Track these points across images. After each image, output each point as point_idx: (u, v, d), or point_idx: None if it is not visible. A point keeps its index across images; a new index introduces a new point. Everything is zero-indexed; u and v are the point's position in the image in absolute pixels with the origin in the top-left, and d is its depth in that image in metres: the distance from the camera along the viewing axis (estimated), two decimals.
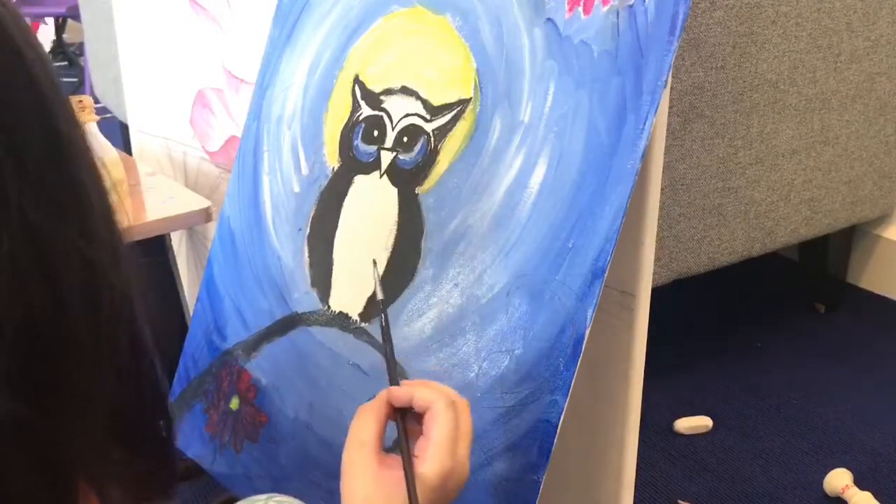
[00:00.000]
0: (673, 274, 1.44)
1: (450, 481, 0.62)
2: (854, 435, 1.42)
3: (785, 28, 1.39)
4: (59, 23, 3.60)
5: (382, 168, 0.86)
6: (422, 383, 0.67)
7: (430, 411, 0.63)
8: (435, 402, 0.63)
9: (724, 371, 1.59)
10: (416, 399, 0.64)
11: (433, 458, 0.61)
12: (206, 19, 1.24)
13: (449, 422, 0.62)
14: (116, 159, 1.21)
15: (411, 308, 0.82)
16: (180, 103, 1.32)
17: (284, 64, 0.98)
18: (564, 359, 0.72)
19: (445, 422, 0.62)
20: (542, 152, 0.76)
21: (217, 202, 1.18)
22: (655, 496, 1.30)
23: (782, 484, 1.32)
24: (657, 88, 0.70)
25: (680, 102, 1.32)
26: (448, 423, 0.62)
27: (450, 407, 0.63)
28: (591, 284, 0.71)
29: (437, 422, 0.62)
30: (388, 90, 0.87)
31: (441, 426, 0.62)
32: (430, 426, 0.62)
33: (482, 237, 0.78)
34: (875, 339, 1.71)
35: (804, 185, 1.54)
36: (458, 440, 0.63)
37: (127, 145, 1.56)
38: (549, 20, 0.77)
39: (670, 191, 1.37)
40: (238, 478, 0.96)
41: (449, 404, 0.63)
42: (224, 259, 1.01)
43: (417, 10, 0.86)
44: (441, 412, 0.62)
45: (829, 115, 1.52)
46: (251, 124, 1.01)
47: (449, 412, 0.63)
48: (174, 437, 0.51)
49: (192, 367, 1.03)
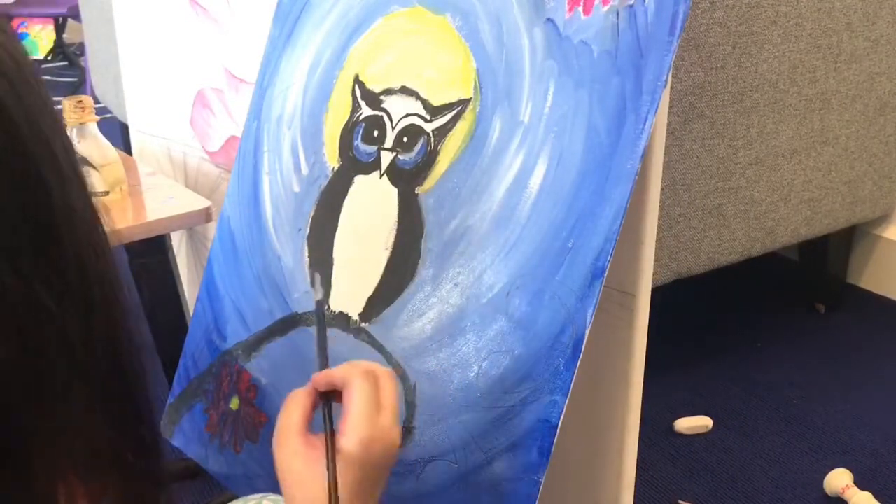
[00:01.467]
0: (673, 274, 1.44)
1: (372, 449, 0.63)
2: (854, 435, 1.42)
3: (785, 28, 1.39)
4: (59, 23, 3.60)
5: (382, 168, 0.86)
6: (344, 364, 0.68)
7: (347, 386, 0.64)
8: (351, 378, 0.64)
9: (724, 371, 1.59)
10: (335, 379, 0.66)
11: (351, 431, 0.62)
12: (206, 19, 1.24)
13: (364, 393, 0.63)
14: (116, 159, 1.21)
15: (411, 308, 0.82)
16: (180, 103, 1.32)
17: (284, 64, 0.98)
18: (564, 359, 0.72)
19: (360, 393, 0.63)
20: (541, 152, 0.76)
21: (217, 202, 1.18)
22: (655, 496, 1.30)
23: (782, 484, 1.32)
24: (657, 88, 0.70)
25: (680, 102, 1.32)
26: (363, 395, 0.63)
27: (366, 379, 0.64)
28: (591, 284, 0.71)
29: (353, 395, 0.63)
30: (388, 90, 0.87)
31: (356, 398, 0.63)
32: (347, 400, 0.64)
33: (482, 237, 0.78)
34: (875, 339, 1.71)
35: (804, 185, 1.54)
36: (378, 410, 0.64)
37: (127, 145, 1.56)
38: (549, 20, 0.77)
39: (670, 191, 1.37)
40: (238, 478, 0.96)
41: (365, 376, 0.64)
42: (224, 259, 1.01)
43: (417, 10, 0.86)
44: (356, 385, 0.64)
45: (829, 115, 1.52)
46: (251, 124, 1.01)
47: (365, 384, 0.64)
48: (162, 455, 0.52)
49: (192, 367, 1.03)
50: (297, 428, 0.65)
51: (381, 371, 0.66)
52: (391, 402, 0.65)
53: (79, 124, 1.17)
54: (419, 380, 0.81)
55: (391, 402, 0.65)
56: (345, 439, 0.63)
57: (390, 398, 0.65)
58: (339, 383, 0.66)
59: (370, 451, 0.63)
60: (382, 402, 0.64)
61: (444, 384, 0.79)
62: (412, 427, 0.81)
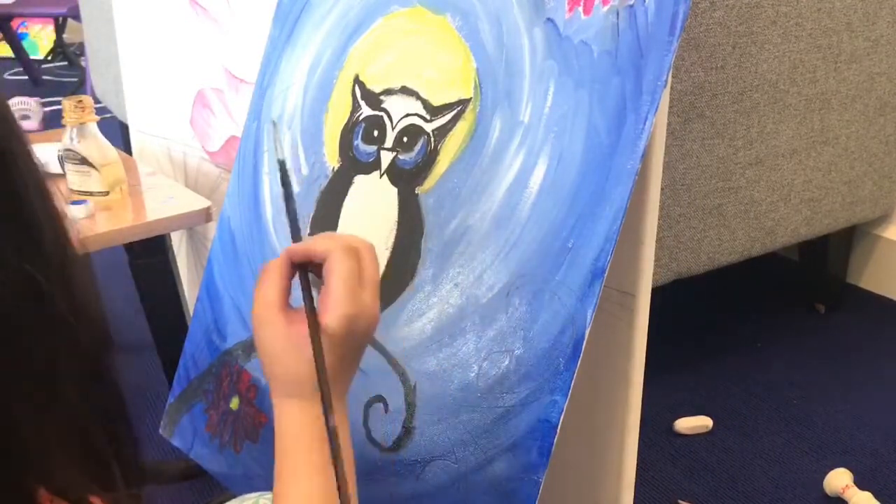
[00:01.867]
0: (673, 274, 1.44)
1: (355, 326, 0.61)
2: (854, 435, 1.42)
3: (785, 28, 1.39)
4: (59, 23, 3.60)
5: (382, 168, 0.86)
6: (322, 235, 0.65)
7: (328, 260, 0.62)
8: (332, 252, 0.62)
9: (724, 371, 1.59)
10: (313, 251, 0.63)
11: (334, 307, 0.60)
12: (206, 19, 1.24)
13: (346, 268, 0.61)
14: (116, 159, 1.21)
15: (411, 308, 0.82)
16: (180, 103, 1.32)
17: (284, 64, 0.98)
18: (564, 359, 0.72)
19: (343, 269, 0.61)
20: (541, 152, 0.76)
21: (217, 202, 1.18)
22: (655, 496, 1.30)
23: (782, 484, 1.32)
24: (657, 88, 0.70)
25: (680, 102, 1.32)
26: (345, 270, 0.61)
27: (347, 253, 0.62)
28: (591, 284, 0.71)
29: (335, 270, 0.61)
30: (388, 90, 0.87)
31: (338, 274, 0.61)
32: (329, 276, 0.62)
33: (482, 237, 0.78)
34: (875, 339, 1.71)
35: (804, 185, 1.54)
36: (360, 285, 0.62)
37: (127, 145, 1.56)
38: (549, 20, 0.77)
39: (670, 191, 1.37)
40: (238, 477, 0.96)
41: (346, 250, 0.62)
42: (224, 259, 1.01)
43: (417, 10, 0.86)
44: (338, 260, 0.61)
45: (829, 115, 1.52)
46: (251, 124, 1.01)
47: (346, 259, 0.61)
48: (139, 460, 0.51)
49: (192, 367, 1.03)
50: (277, 303, 0.62)
51: (362, 244, 0.64)
52: (373, 278, 0.63)
53: (79, 124, 1.17)
54: (419, 380, 0.81)
55: (373, 277, 0.63)
56: (328, 316, 0.60)
57: (372, 273, 0.63)
58: (319, 256, 0.63)
59: (353, 329, 0.61)
60: (364, 278, 0.62)
61: (444, 384, 0.79)
62: (412, 427, 0.81)
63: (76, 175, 1.18)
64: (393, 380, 0.82)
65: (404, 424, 0.81)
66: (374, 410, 0.83)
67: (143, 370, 1.55)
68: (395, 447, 0.82)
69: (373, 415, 0.83)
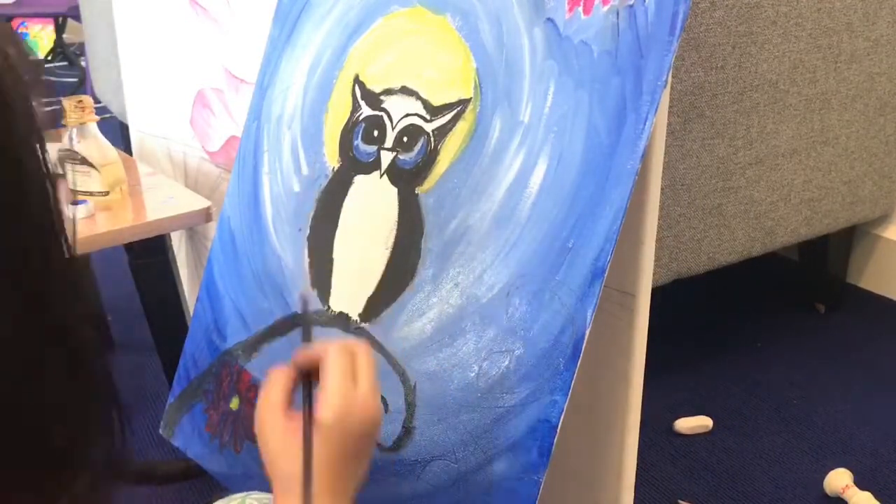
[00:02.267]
0: (673, 274, 1.44)
1: (350, 420, 0.64)
2: (854, 435, 1.42)
3: (785, 28, 1.39)
4: (59, 23, 3.60)
5: (382, 168, 0.86)
6: (322, 341, 0.69)
7: (322, 360, 0.66)
8: (327, 351, 0.66)
9: (724, 371, 1.59)
10: (312, 356, 0.67)
11: (325, 402, 0.64)
12: (206, 19, 1.24)
13: (338, 366, 0.65)
14: (116, 159, 1.21)
15: (411, 308, 0.82)
16: (180, 103, 1.32)
17: (284, 64, 0.98)
18: (564, 359, 0.72)
19: (335, 366, 0.65)
20: (541, 152, 0.76)
21: (217, 202, 1.18)
22: (655, 496, 1.30)
23: (782, 484, 1.32)
24: (657, 88, 0.70)
25: (680, 102, 1.32)
26: (337, 367, 0.64)
27: (341, 352, 0.65)
28: (591, 284, 0.71)
29: (328, 367, 0.65)
30: (388, 90, 0.87)
31: (331, 371, 0.64)
32: (323, 374, 0.65)
33: (482, 237, 0.78)
34: (875, 339, 1.71)
35: (804, 185, 1.54)
36: (354, 382, 0.65)
37: (127, 145, 1.56)
38: (549, 20, 0.77)
39: (670, 191, 1.37)
40: (238, 477, 0.96)
41: (340, 350, 0.66)
42: (224, 259, 1.01)
43: (417, 10, 0.86)
44: (331, 358, 0.65)
45: (829, 115, 1.52)
46: (251, 124, 1.01)
47: (339, 357, 0.65)
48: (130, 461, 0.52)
49: (192, 367, 1.03)
50: (278, 405, 0.66)
51: (357, 346, 0.68)
52: (367, 375, 0.66)
53: (79, 124, 1.17)
54: (419, 380, 0.81)
55: (367, 374, 0.66)
56: (321, 410, 0.63)
57: (366, 371, 0.66)
58: (317, 359, 0.66)
59: (346, 422, 0.64)
60: (358, 375, 0.65)
61: (444, 384, 0.79)
62: (412, 427, 0.81)
63: (76, 175, 1.18)
64: (393, 380, 0.82)
65: (404, 424, 0.81)
66: None
67: (143, 370, 1.55)
68: (396, 447, 0.82)
69: None
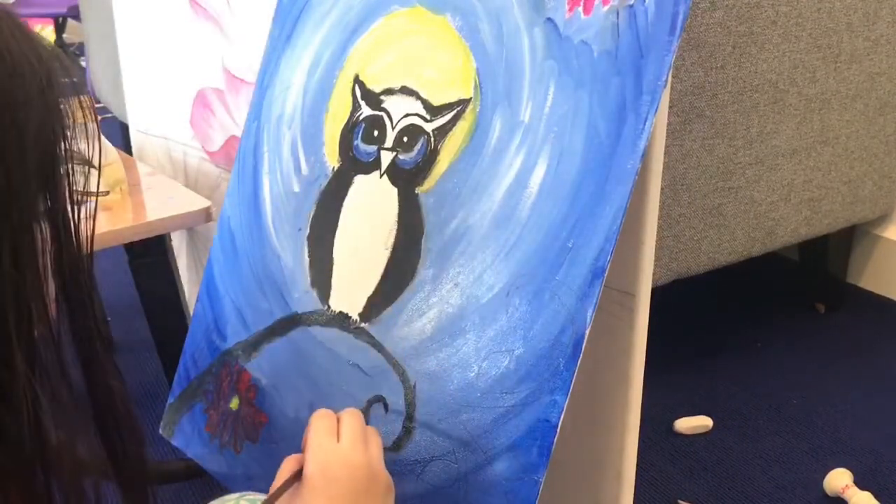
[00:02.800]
0: (673, 274, 1.44)
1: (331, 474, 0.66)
2: (854, 435, 1.42)
3: (785, 28, 1.39)
4: (59, 23, 3.60)
5: (382, 168, 0.86)
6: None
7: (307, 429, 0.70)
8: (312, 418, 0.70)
9: (724, 371, 1.59)
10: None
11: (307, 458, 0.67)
12: (206, 19, 1.24)
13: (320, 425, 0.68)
14: (116, 159, 1.21)
15: (411, 308, 0.82)
16: (180, 103, 1.32)
17: (284, 64, 0.98)
18: (564, 359, 0.72)
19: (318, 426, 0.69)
20: (542, 152, 0.76)
21: (217, 202, 1.18)
22: (655, 496, 1.30)
23: (782, 484, 1.32)
24: (657, 88, 0.70)
25: (680, 102, 1.32)
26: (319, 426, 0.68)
27: (324, 415, 0.70)
28: (591, 284, 0.71)
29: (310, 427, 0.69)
30: (388, 90, 0.87)
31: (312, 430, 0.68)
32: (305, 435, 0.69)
33: (482, 237, 0.78)
34: (875, 339, 1.71)
35: (804, 185, 1.54)
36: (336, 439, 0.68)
37: (127, 145, 1.56)
38: (549, 20, 0.77)
39: (670, 191, 1.37)
40: (238, 478, 0.96)
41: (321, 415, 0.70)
42: (224, 259, 1.01)
43: (417, 10, 0.86)
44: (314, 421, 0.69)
45: (829, 115, 1.52)
46: (251, 124, 1.01)
47: (321, 419, 0.69)
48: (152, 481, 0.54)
49: (192, 367, 1.03)
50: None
51: (344, 412, 0.71)
52: (352, 432, 0.68)
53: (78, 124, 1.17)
54: (419, 380, 0.81)
55: (351, 432, 0.68)
56: (305, 464, 0.66)
57: (350, 429, 0.69)
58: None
59: (328, 475, 0.65)
60: (343, 432, 0.68)
61: (444, 384, 0.79)
62: (412, 427, 0.81)
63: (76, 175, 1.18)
64: (393, 380, 0.82)
65: (404, 424, 0.81)
66: (374, 410, 0.83)
67: (143, 370, 1.55)
68: (395, 447, 0.82)
69: (373, 415, 0.83)
